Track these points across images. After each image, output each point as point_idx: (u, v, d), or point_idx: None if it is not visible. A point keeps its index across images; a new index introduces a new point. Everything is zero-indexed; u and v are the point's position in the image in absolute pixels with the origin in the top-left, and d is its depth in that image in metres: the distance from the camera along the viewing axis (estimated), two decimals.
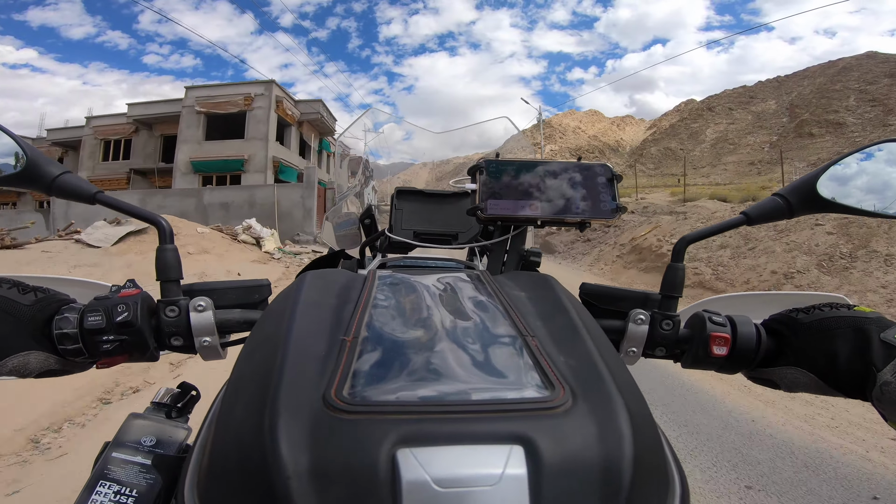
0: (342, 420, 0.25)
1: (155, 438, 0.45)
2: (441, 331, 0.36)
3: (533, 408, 0.27)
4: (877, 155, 0.51)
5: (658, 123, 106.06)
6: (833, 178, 0.50)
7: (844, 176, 0.51)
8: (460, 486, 0.23)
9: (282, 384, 0.28)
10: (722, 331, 0.47)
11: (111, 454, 0.42)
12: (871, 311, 0.43)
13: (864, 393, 0.40)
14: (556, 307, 0.41)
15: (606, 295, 0.54)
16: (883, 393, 0.38)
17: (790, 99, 64.92)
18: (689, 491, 0.33)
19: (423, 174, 1.84)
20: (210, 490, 0.29)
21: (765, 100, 71.11)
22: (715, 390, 3.06)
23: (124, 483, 0.41)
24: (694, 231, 0.51)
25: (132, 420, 0.46)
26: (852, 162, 0.51)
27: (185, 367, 3.40)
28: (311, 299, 0.39)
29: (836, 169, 0.50)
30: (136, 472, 0.42)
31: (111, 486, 0.40)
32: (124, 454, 0.43)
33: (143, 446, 0.44)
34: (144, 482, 0.41)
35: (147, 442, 0.44)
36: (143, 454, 0.43)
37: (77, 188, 0.48)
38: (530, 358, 0.32)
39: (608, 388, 0.30)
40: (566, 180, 0.64)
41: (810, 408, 2.79)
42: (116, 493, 0.40)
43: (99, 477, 0.41)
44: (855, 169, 0.52)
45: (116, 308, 0.42)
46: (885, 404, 0.38)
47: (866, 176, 0.52)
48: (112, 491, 0.40)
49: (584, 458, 0.26)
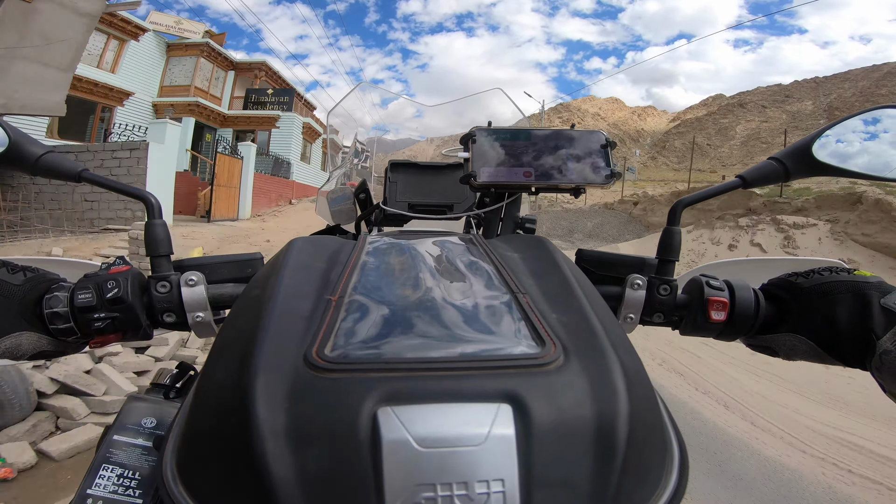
0: (322, 378, 0.25)
1: (155, 420, 0.46)
2: (429, 290, 0.36)
3: (522, 364, 0.27)
4: (873, 120, 0.54)
5: (682, 116, 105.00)
6: (829, 142, 0.52)
7: (840, 139, 0.53)
8: (443, 446, 0.23)
9: (262, 343, 0.28)
10: (720, 295, 0.47)
11: (113, 437, 0.44)
12: (871, 276, 0.43)
13: (864, 362, 0.41)
14: (550, 266, 0.41)
15: (603, 260, 0.55)
16: (882, 363, 0.38)
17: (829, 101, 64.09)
18: (689, 456, 0.33)
19: (429, 150, 1.85)
20: (188, 456, 0.29)
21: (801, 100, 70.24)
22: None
23: (127, 466, 0.42)
24: (690, 194, 0.52)
25: (132, 402, 0.47)
26: (848, 126, 0.53)
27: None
28: (299, 263, 0.39)
29: (833, 132, 0.53)
30: (137, 455, 0.43)
31: (114, 470, 0.41)
32: (126, 437, 0.44)
33: (143, 428, 0.45)
34: (147, 464, 0.42)
35: (147, 423, 0.45)
36: (143, 436, 0.44)
37: (62, 167, 0.48)
38: (521, 314, 0.32)
39: (602, 345, 0.29)
40: (560, 147, 0.65)
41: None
42: (119, 477, 0.41)
43: (102, 461, 0.42)
44: (850, 133, 0.54)
45: (106, 284, 0.43)
46: (885, 374, 0.38)
47: (861, 139, 0.54)
48: (115, 475, 0.41)
49: (576, 416, 0.25)
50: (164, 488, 0.29)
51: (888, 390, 0.39)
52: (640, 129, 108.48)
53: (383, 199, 0.99)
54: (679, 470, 0.31)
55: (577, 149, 0.65)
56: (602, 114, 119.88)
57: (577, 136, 0.66)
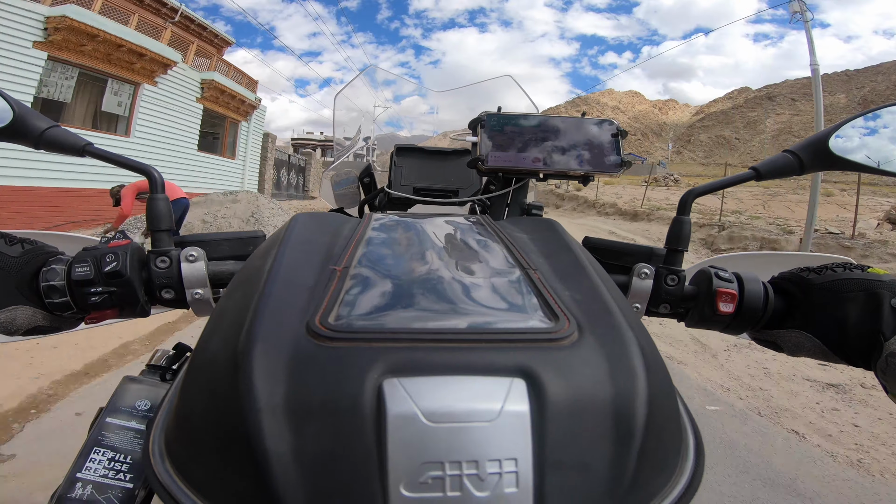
0: (325, 348, 0.24)
1: (149, 402, 0.45)
2: (438, 263, 0.35)
3: (536, 338, 0.25)
4: (888, 116, 0.54)
5: (706, 109, 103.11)
6: (845, 136, 0.52)
7: (856, 134, 0.53)
8: (453, 421, 0.22)
9: (261, 312, 0.27)
10: (729, 287, 0.47)
11: (105, 420, 0.43)
12: (885, 274, 0.43)
13: (869, 362, 0.41)
14: (560, 246, 0.40)
15: (610, 249, 0.54)
16: (888, 364, 0.38)
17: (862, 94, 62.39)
18: (704, 447, 0.31)
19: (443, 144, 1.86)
20: (178, 433, 0.27)
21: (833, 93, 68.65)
22: None
23: (119, 449, 0.41)
24: (702, 184, 0.52)
25: (126, 384, 0.46)
26: (865, 121, 0.54)
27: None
28: (302, 236, 0.38)
29: (850, 126, 0.53)
30: (130, 438, 0.42)
31: (105, 453, 0.41)
32: (119, 419, 0.43)
33: (137, 411, 0.44)
34: (139, 448, 0.41)
35: (141, 406, 0.45)
36: (137, 419, 0.43)
37: (66, 141, 0.48)
38: (532, 290, 0.31)
39: (618, 322, 0.28)
40: (570, 134, 0.65)
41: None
42: (111, 461, 0.40)
43: (93, 444, 0.41)
44: (867, 128, 0.54)
45: (105, 258, 0.42)
46: (889, 376, 0.38)
47: (878, 135, 0.54)
48: (106, 458, 0.40)
49: (593, 395, 0.24)
50: (151, 468, 0.27)
51: (891, 391, 0.39)
52: (661, 122, 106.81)
53: (388, 182, 0.99)
54: (695, 459, 0.29)
55: (587, 137, 0.65)
56: (622, 107, 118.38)
57: (587, 123, 0.66)
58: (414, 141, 1.84)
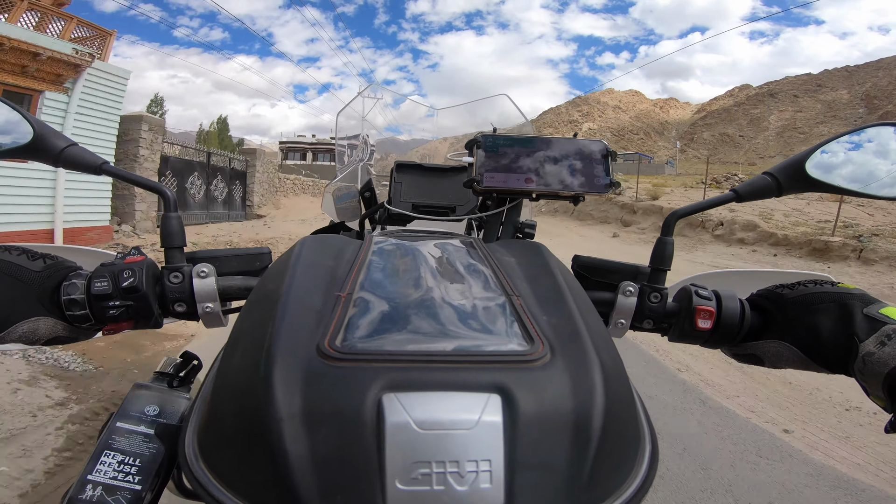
0: (333, 367, 0.28)
1: (158, 408, 0.47)
2: (432, 290, 0.39)
3: (513, 360, 0.30)
4: (868, 137, 0.55)
5: (707, 107, 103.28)
6: (822, 159, 0.54)
7: (834, 156, 0.55)
8: (439, 429, 0.26)
9: (279, 334, 0.31)
10: (707, 304, 0.50)
11: (115, 424, 0.45)
12: (854, 288, 0.46)
13: (847, 367, 0.43)
14: (544, 271, 0.44)
15: (598, 267, 0.58)
16: (865, 364, 0.40)
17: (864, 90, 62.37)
18: (659, 448, 0.36)
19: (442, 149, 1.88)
20: (209, 437, 0.32)
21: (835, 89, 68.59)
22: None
23: (128, 453, 0.43)
24: (684, 206, 0.55)
25: (136, 390, 0.48)
26: (842, 143, 0.55)
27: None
28: (309, 260, 0.42)
29: (826, 149, 0.54)
30: (139, 442, 0.44)
31: (115, 456, 0.42)
32: (128, 424, 0.45)
33: (146, 416, 0.46)
34: (147, 451, 0.43)
35: (150, 411, 0.46)
36: (146, 424, 0.45)
37: (84, 160, 0.51)
38: (514, 315, 0.36)
39: (584, 344, 0.32)
40: (562, 155, 0.68)
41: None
42: (120, 463, 0.42)
43: (104, 447, 0.43)
44: (844, 150, 0.55)
45: (122, 274, 0.45)
46: (867, 376, 0.40)
47: (855, 157, 0.55)
48: (116, 461, 0.42)
49: (557, 408, 0.28)
50: (187, 466, 0.31)
51: (871, 393, 0.41)
52: (663, 121, 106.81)
53: (388, 198, 1.02)
54: (649, 461, 0.34)
55: (579, 157, 0.68)
56: (623, 106, 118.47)
57: (579, 144, 0.69)
58: (413, 145, 1.86)
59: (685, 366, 3.56)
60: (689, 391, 3.07)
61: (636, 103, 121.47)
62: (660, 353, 3.79)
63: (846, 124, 54.30)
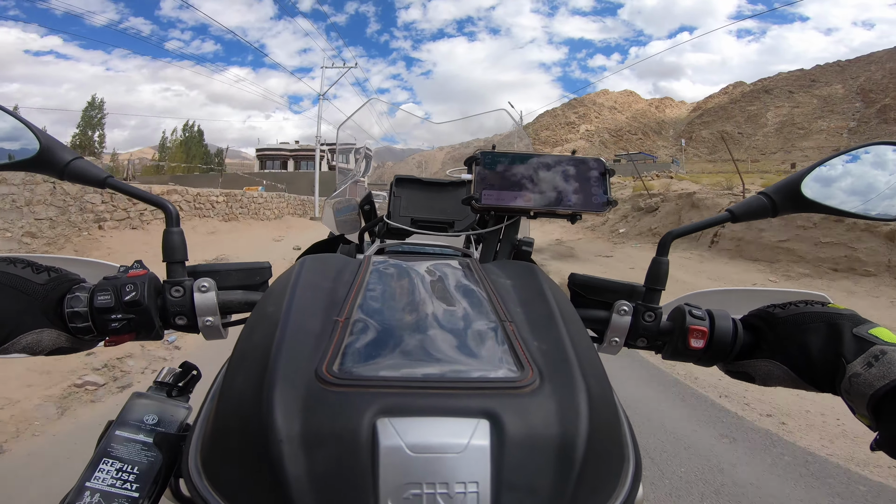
0: (331, 392, 0.30)
1: (157, 417, 0.48)
2: (427, 315, 0.40)
3: (502, 386, 0.31)
4: (863, 157, 0.55)
5: (703, 105, 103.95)
6: (818, 179, 0.54)
7: (829, 177, 0.55)
8: (430, 453, 0.28)
9: (279, 359, 0.33)
10: (700, 324, 0.51)
11: (114, 432, 0.45)
12: (845, 309, 0.46)
13: (834, 387, 0.43)
14: (537, 295, 0.46)
15: (593, 286, 0.59)
16: (851, 384, 0.41)
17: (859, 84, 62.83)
18: (642, 468, 0.37)
19: (438, 157, 1.91)
20: (212, 453, 0.33)
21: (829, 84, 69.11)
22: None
23: (126, 461, 0.43)
24: (680, 226, 0.56)
25: (135, 399, 0.49)
26: (838, 163, 0.55)
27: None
28: (308, 282, 0.44)
29: (822, 170, 0.54)
30: (137, 450, 0.44)
31: (113, 464, 0.43)
32: (127, 432, 0.46)
33: (145, 425, 0.47)
34: (146, 459, 0.44)
35: (149, 420, 0.47)
36: (144, 432, 0.46)
37: (88, 173, 0.52)
38: (506, 342, 0.37)
39: (572, 371, 0.34)
40: (560, 173, 0.69)
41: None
42: (118, 471, 0.43)
43: (102, 454, 0.44)
44: (840, 170, 0.55)
45: (125, 288, 0.46)
46: (854, 396, 0.41)
47: (851, 177, 0.55)
48: (114, 468, 0.43)
49: (543, 433, 0.30)
50: (189, 480, 0.33)
51: (857, 412, 0.42)
52: (660, 120, 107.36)
53: (387, 212, 1.03)
54: (632, 481, 0.35)
55: (577, 175, 0.68)
56: (618, 107, 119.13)
57: (576, 162, 0.69)
58: (409, 153, 1.88)
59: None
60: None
61: (632, 103, 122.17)
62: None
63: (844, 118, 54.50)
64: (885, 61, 62.04)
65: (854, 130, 48.70)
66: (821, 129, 57.46)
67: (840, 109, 60.48)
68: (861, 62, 67.71)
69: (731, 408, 2.88)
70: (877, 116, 49.14)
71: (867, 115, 52.35)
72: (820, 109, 65.27)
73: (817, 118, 62.58)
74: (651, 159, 53.09)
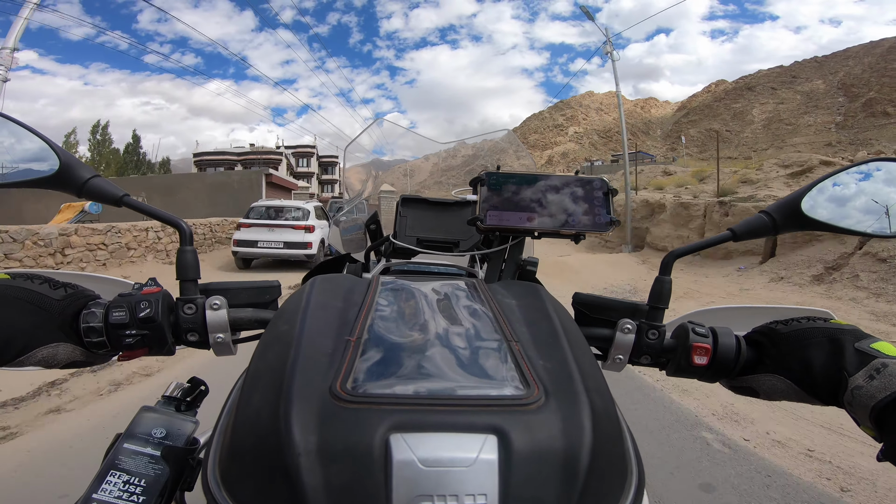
0: (345, 409, 0.32)
1: (165, 431, 0.49)
2: (435, 334, 0.42)
3: (509, 404, 0.33)
4: (862, 174, 0.56)
5: (688, 104, 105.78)
6: (817, 197, 0.55)
7: (828, 194, 0.56)
8: (440, 466, 0.30)
9: (294, 377, 0.35)
10: (704, 341, 0.53)
11: (122, 445, 0.47)
12: (847, 324, 0.48)
13: (838, 399, 0.45)
14: (542, 315, 0.48)
15: (597, 305, 0.61)
16: (854, 397, 0.42)
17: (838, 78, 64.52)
18: (645, 481, 0.39)
19: (426, 167, 1.94)
20: (231, 468, 0.35)
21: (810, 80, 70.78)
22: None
23: (133, 473, 0.45)
24: (681, 246, 0.58)
25: (143, 413, 0.50)
26: (837, 181, 0.56)
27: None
28: (319, 302, 0.46)
29: (821, 187, 0.55)
30: (145, 463, 0.46)
31: (121, 476, 0.44)
32: (135, 445, 0.47)
33: (153, 438, 0.48)
34: (153, 472, 0.45)
35: (157, 434, 0.48)
36: (152, 446, 0.47)
37: (106, 191, 0.54)
38: (512, 360, 0.39)
39: (576, 388, 0.36)
40: (564, 194, 0.70)
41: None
42: (126, 483, 0.44)
43: (110, 467, 0.45)
44: (839, 188, 0.56)
45: (139, 304, 0.49)
46: (857, 408, 0.42)
47: (850, 194, 0.56)
48: (121, 481, 0.44)
49: (548, 447, 0.32)
50: (209, 493, 0.35)
51: (861, 423, 0.43)
52: (647, 120, 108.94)
53: (393, 232, 1.06)
54: (635, 493, 0.37)
55: (580, 195, 0.70)
56: (604, 108, 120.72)
57: (580, 182, 0.71)
58: (395, 163, 1.91)
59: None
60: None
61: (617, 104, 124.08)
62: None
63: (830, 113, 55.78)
64: (861, 56, 63.89)
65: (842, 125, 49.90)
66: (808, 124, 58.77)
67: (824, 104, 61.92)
68: (838, 58, 69.69)
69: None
70: (863, 110, 50.40)
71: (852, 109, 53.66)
72: (804, 105, 66.82)
73: (803, 113, 64.00)
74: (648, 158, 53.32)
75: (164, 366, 3.69)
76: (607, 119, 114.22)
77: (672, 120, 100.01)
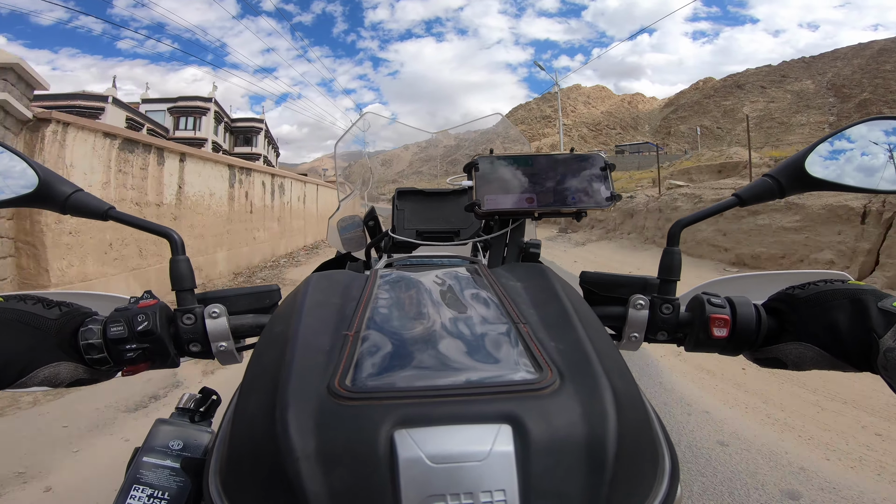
0: (345, 406, 0.31)
1: (182, 442, 0.51)
2: (438, 322, 0.42)
3: (521, 389, 0.32)
4: (863, 132, 0.57)
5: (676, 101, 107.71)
6: (821, 156, 0.56)
7: (832, 153, 0.56)
8: (452, 462, 0.28)
9: (290, 377, 0.34)
10: (721, 312, 0.52)
11: (142, 459, 0.48)
12: (865, 284, 0.48)
13: (870, 363, 0.44)
14: (550, 295, 0.47)
15: (606, 282, 0.60)
16: (888, 360, 0.41)
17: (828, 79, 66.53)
18: (679, 468, 0.38)
19: (405, 157, 1.95)
20: (230, 476, 0.35)
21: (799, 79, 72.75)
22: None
23: (156, 486, 0.47)
24: (687, 215, 0.57)
25: (159, 426, 0.52)
26: (840, 139, 0.57)
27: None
28: (315, 300, 0.45)
29: (824, 147, 0.56)
30: (166, 476, 0.48)
31: (144, 490, 0.46)
32: (154, 458, 0.49)
33: (171, 450, 0.50)
34: (175, 485, 0.47)
35: (175, 446, 0.50)
36: (171, 458, 0.49)
37: (90, 206, 0.53)
38: (521, 344, 0.38)
39: (594, 370, 0.34)
40: (561, 172, 0.71)
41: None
42: (150, 497, 0.46)
43: (132, 481, 0.47)
44: (842, 146, 0.57)
45: (136, 318, 0.49)
46: (892, 372, 0.41)
47: (853, 152, 0.57)
48: (146, 494, 0.46)
49: (569, 435, 0.30)
50: (210, 501, 0.35)
51: None
52: (635, 115, 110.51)
53: (391, 226, 1.06)
54: (669, 479, 0.36)
55: (578, 172, 0.70)
56: (592, 102, 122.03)
57: (576, 159, 0.71)
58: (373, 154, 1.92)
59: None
60: None
61: (604, 98, 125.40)
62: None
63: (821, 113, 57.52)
64: (850, 57, 66.15)
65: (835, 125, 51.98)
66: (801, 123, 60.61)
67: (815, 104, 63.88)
68: (826, 58, 72.05)
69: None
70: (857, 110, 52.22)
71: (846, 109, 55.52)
72: (795, 104, 68.84)
73: (795, 112, 65.92)
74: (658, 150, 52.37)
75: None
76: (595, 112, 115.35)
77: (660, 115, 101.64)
